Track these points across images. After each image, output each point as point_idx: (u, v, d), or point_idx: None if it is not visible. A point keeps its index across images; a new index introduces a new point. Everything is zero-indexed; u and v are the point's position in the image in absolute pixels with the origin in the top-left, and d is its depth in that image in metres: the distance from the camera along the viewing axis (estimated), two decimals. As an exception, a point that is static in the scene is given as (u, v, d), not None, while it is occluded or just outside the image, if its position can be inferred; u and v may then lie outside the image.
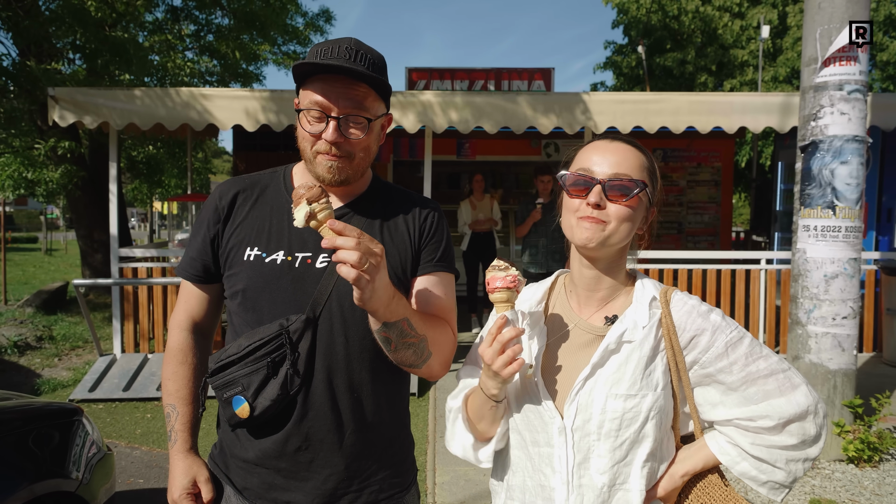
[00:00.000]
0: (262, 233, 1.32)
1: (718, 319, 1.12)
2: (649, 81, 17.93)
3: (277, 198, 1.36)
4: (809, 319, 3.80)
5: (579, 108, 5.57)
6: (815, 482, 3.55)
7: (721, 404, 1.13)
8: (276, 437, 1.27)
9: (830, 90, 3.67)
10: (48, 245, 22.75)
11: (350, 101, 1.24)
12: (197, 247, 1.38)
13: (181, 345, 1.40)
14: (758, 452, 1.11)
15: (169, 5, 10.76)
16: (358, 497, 1.31)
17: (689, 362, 1.12)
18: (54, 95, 5.40)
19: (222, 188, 1.39)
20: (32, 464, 2.08)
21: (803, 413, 1.08)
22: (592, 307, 1.19)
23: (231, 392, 1.25)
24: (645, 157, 1.15)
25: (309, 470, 1.28)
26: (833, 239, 3.72)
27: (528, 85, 10.33)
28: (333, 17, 13.52)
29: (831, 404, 3.77)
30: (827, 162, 3.71)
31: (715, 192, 9.84)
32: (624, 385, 1.10)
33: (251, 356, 1.25)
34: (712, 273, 6.08)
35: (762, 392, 1.09)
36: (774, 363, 1.11)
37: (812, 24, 3.75)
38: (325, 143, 1.25)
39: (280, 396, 1.23)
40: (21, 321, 7.84)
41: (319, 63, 1.21)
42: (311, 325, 1.26)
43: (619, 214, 1.10)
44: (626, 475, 1.10)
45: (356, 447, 1.30)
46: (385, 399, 1.35)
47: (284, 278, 1.28)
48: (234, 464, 1.33)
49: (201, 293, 1.41)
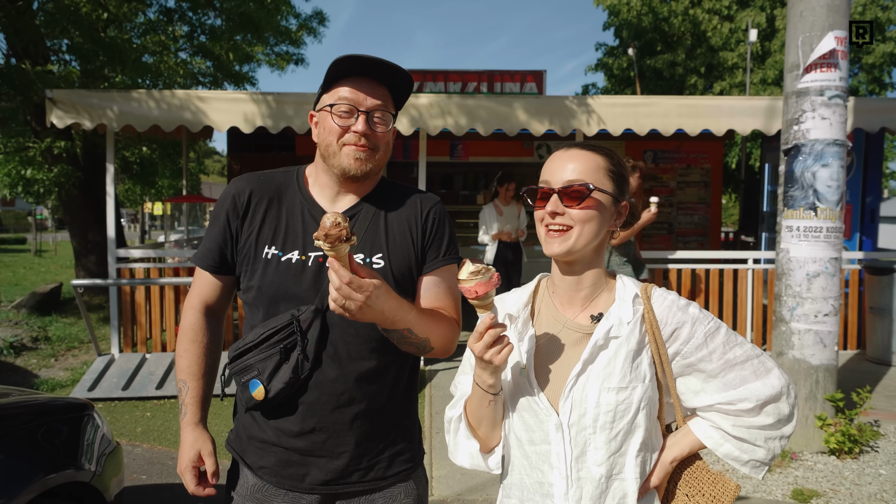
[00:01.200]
0: (278, 232, 1.42)
1: (697, 312, 1.20)
2: (640, 83, 18.12)
3: (292, 198, 1.46)
4: (793, 317, 3.94)
5: (571, 112, 5.69)
6: (798, 473, 3.68)
7: (703, 391, 1.21)
8: (291, 419, 1.38)
9: (812, 96, 3.80)
10: (37, 246, 22.63)
11: (377, 98, 1.39)
12: (215, 239, 1.46)
13: (194, 324, 1.49)
14: (739, 433, 1.20)
15: (162, 6, 10.79)
16: (367, 473, 1.42)
17: (672, 354, 1.20)
18: (52, 97, 5.46)
19: (239, 185, 1.48)
20: (48, 455, 2.16)
21: (777, 394, 1.17)
22: (577, 307, 1.25)
23: (248, 376, 1.37)
24: (604, 158, 1.22)
25: (323, 448, 1.39)
26: (815, 239, 3.85)
27: (521, 87, 10.46)
28: (327, 19, 13.59)
29: (813, 399, 3.91)
30: (809, 165, 3.84)
31: (704, 193, 10.00)
32: (615, 378, 1.16)
33: (265, 343, 1.36)
34: (701, 272, 6.22)
35: (739, 377, 1.18)
36: (749, 350, 1.19)
37: (794, 32, 3.89)
38: (353, 135, 1.37)
39: (292, 379, 1.34)
40: (16, 322, 7.87)
41: (361, 56, 1.36)
42: (320, 315, 1.36)
43: (578, 217, 1.18)
44: (622, 465, 1.17)
45: (365, 428, 1.40)
46: (392, 385, 1.45)
47: (299, 276, 1.39)
48: (250, 445, 1.43)
49: (216, 281, 1.50)
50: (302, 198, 1.46)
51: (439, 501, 3.47)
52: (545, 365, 1.23)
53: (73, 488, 2.26)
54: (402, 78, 1.43)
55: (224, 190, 1.52)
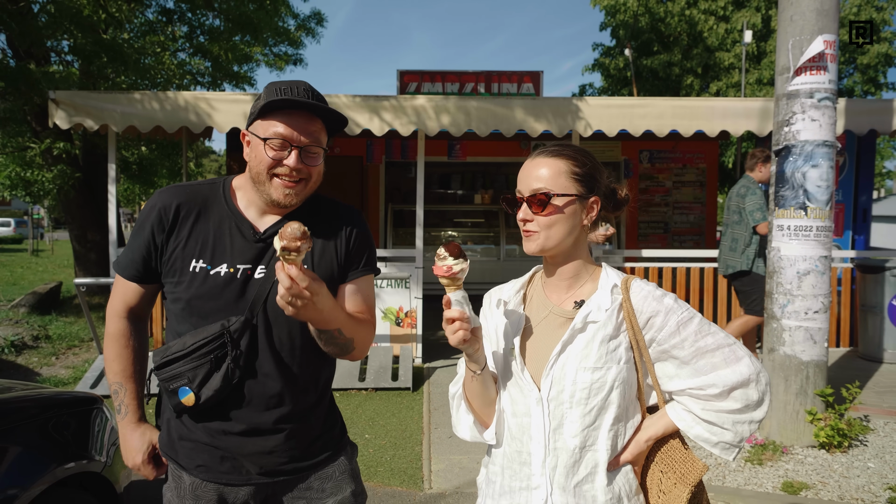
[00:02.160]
0: (206, 247, 1.48)
1: (671, 302, 1.30)
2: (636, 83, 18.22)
3: (219, 211, 1.51)
4: (784, 314, 4.03)
5: (567, 113, 5.78)
6: (789, 466, 3.77)
7: (676, 376, 1.30)
8: (221, 421, 1.47)
9: (802, 98, 3.89)
10: (34, 246, 22.64)
11: (309, 134, 1.46)
12: (139, 251, 1.50)
13: (121, 330, 1.56)
14: (708, 417, 1.29)
15: (161, 7, 10.85)
16: (301, 461, 1.54)
17: (648, 340, 1.30)
18: (55, 98, 5.52)
19: (164, 198, 1.50)
20: (60, 446, 2.24)
21: (746, 381, 1.26)
22: (562, 294, 1.37)
23: (177, 384, 1.44)
24: (568, 161, 1.33)
25: (254, 445, 1.48)
26: (805, 238, 3.94)
27: (518, 87, 10.54)
28: (325, 19, 13.65)
29: (804, 394, 4.00)
30: (799, 165, 3.93)
31: (700, 192, 10.10)
32: (591, 359, 1.27)
33: (196, 353, 1.43)
34: (696, 271, 6.31)
35: (710, 364, 1.27)
36: (721, 338, 1.28)
37: (785, 36, 3.98)
38: (285, 167, 1.44)
39: (223, 387, 1.43)
40: (16, 321, 7.92)
41: (296, 100, 1.43)
42: (249, 325, 1.46)
43: (543, 223, 1.31)
44: (595, 438, 1.28)
45: (294, 427, 1.51)
46: (317, 383, 1.57)
47: (227, 288, 1.46)
48: (182, 447, 1.51)
49: (138, 288, 1.56)
50: (229, 211, 1.51)
51: (438, 495, 3.55)
52: (531, 345, 1.36)
53: (84, 479, 2.34)
54: (335, 116, 1.52)
55: (148, 201, 1.54)
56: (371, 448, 4.21)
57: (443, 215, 10.45)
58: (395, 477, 3.79)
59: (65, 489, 2.18)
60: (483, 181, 11.02)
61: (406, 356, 5.86)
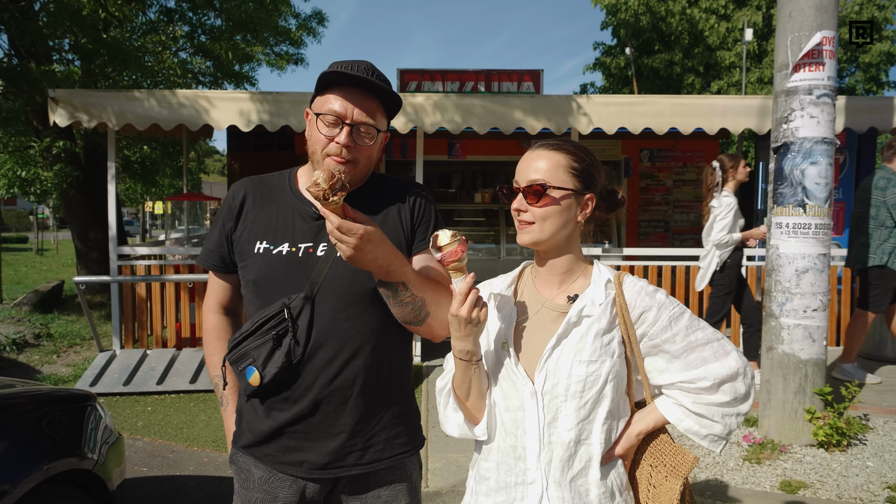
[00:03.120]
0: (269, 228, 1.50)
1: (663, 298, 1.32)
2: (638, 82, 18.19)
3: (283, 197, 1.54)
4: (782, 312, 4.01)
5: (567, 110, 5.76)
6: (787, 465, 3.75)
7: (667, 370, 1.32)
8: (287, 403, 1.44)
9: (801, 94, 3.87)
10: (39, 245, 22.71)
11: (364, 111, 1.43)
12: (214, 240, 1.57)
13: (215, 324, 1.61)
14: (698, 409, 1.31)
15: (163, 6, 10.86)
16: (363, 455, 1.47)
17: (640, 335, 1.31)
18: (54, 97, 5.53)
19: (236, 188, 1.58)
20: (51, 443, 2.24)
21: (734, 374, 1.29)
22: (554, 288, 1.37)
23: (244, 364, 1.43)
24: (567, 155, 1.33)
25: (319, 430, 1.45)
26: (804, 236, 3.92)
27: (518, 86, 10.53)
28: (326, 19, 13.65)
29: (803, 392, 3.98)
30: (798, 163, 3.91)
31: (700, 191, 10.06)
32: (586, 352, 1.27)
33: (258, 331, 1.43)
34: (695, 269, 6.29)
35: (700, 358, 1.29)
36: (710, 333, 1.31)
37: (783, 32, 3.96)
38: (335, 146, 1.42)
39: (285, 364, 1.40)
40: (18, 319, 7.94)
41: (348, 73, 1.40)
42: (310, 302, 1.43)
43: (538, 214, 1.31)
44: (590, 431, 1.28)
45: (359, 410, 1.46)
46: (386, 369, 1.50)
47: (290, 266, 1.46)
48: (252, 436, 1.49)
49: (223, 282, 1.60)
50: (292, 195, 1.54)
51: (435, 493, 3.54)
52: (524, 339, 1.35)
53: (76, 476, 2.34)
54: (391, 97, 1.49)
55: (226, 194, 1.63)
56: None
57: (447, 214, 10.45)
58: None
59: (56, 486, 2.17)
60: (483, 180, 11.00)
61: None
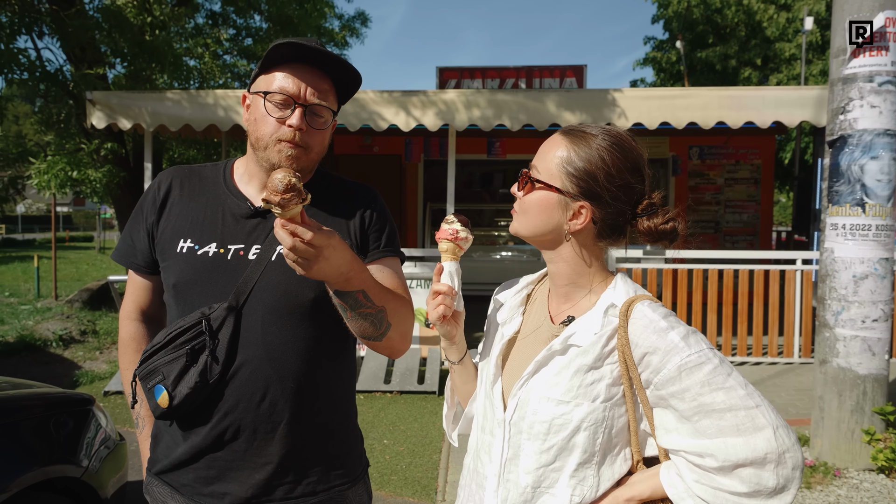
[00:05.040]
0: (195, 225, 1.31)
1: (677, 339, 1.00)
2: (690, 77, 17.50)
3: (215, 190, 1.35)
4: (837, 322, 3.64)
5: (603, 105, 5.48)
6: (841, 492, 3.39)
7: (675, 431, 1.02)
8: (207, 429, 1.25)
9: (860, 82, 3.50)
10: (101, 244, 23.74)
11: (317, 91, 1.26)
12: (136, 235, 1.37)
13: (133, 334, 1.41)
14: (701, 492, 0.99)
15: (209, 11, 11.09)
16: (294, 488, 1.28)
17: (644, 381, 1.04)
18: (92, 99, 5.64)
19: (162, 176, 1.38)
20: (37, 449, 2.17)
21: (761, 459, 0.94)
22: (560, 303, 1.16)
23: (152, 381, 1.24)
24: (576, 150, 1.09)
25: (243, 460, 1.25)
26: (862, 238, 3.55)
27: (560, 82, 10.22)
28: (369, 20, 13.69)
29: (860, 411, 3.60)
30: (856, 157, 3.54)
31: (755, 190, 9.53)
32: (559, 390, 1.05)
33: (171, 344, 1.23)
34: (744, 273, 5.89)
35: (716, 427, 0.97)
36: (738, 398, 0.97)
37: (841, 14, 3.59)
38: (288, 130, 1.24)
39: (199, 384, 1.21)
40: (67, 316, 8.20)
41: (304, 45, 1.22)
42: (234, 313, 1.24)
43: (520, 205, 1.15)
44: (554, 480, 1.06)
45: (291, 437, 1.26)
46: (324, 390, 1.31)
47: (215, 269, 1.27)
48: (169, 461, 1.31)
49: (145, 282, 1.40)
50: (226, 189, 1.35)
51: (451, 507, 3.37)
52: (515, 356, 1.18)
53: (68, 483, 2.27)
54: (350, 75, 1.30)
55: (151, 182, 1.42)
56: (388, 455, 4.06)
57: (481, 214, 10.24)
58: (407, 487, 3.63)
59: (39, 493, 2.10)
60: (524, 179, 10.74)
61: (434, 358, 5.70)
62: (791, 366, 5.86)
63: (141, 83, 8.07)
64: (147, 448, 1.38)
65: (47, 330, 7.35)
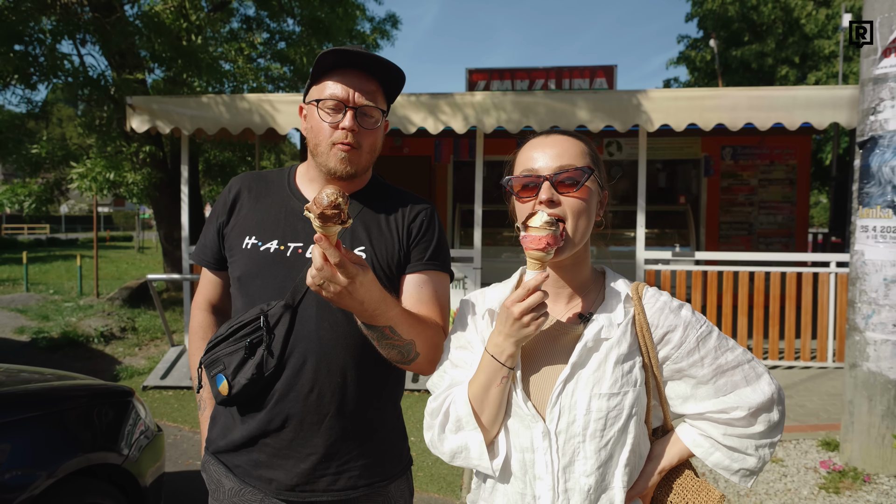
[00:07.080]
0: (260, 223, 1.41)
1: (689, 315, 1.14)
2: (725, 76, 17.19)
3: (279, 192, 1.46)
4: (868, 325, 3.59)
5: (629, 106, 5.47)
6: (871, 497, 3.34)
7: (692, 398, 1.14)
8: (260, 416, 1.34)
9: (891, 82, 3.44)
10: (140, 243, 24.44)
11: (364, 93, 1.35)
12: (208, 235, 1.49)
13: (202, 323, 1.53)
14: (730, 442, 1.13)
15: (244, 15, 11.36)
16: (336, 480, 1.35)
17: (662, 358, 1.13)
18: (132, 104, 5.86)
19: (233, 182, 1.51)
20: (85, 436, 2.31)
21: (769, 402, 1.12)
22: (562, 304, 1.17)
23: (215, 370, 1.34)
24: (584, 144, 1.16)
25: (290, 448, 1.33)
26: (893, 240, 3.49)
27: (590, 83, 10.17)
28: (399, 22, 13.81)
29: (891, 416, 3.54)
30: (887, 159, 3.49)
31: (790, 191, 9.33)
32: (606, 384, 1.09)
33: (232, 337, 1.33)
34: (776, 276, 5.80)
35: (731, 383, 1.12)
36: (740, 354, 1.14)
37: (872, 12, 3.54)
38: (341, 132, 1.33)
39: (255, 376, 1.29)
40: (108, 313, 8.51)
41: (348, 51, 1.31)
42: (290, 311, 1.32)
43: (574, 208, 1.10)
44: (612, 475, 1.10)
45: (335, 430, 1.34)
46: (371, 387, 1.38)
47: (276, 266, 1.36)
48: (225, 443, 1.41)
49: (215, 278, 1.52)
50: (289, 191, 1.45)
51: None
52: (530, 366, 1.14)
53: (110, 470, 2.41)
54: (394, 74, 1.38)
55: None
56: (414, 451, 4.10)
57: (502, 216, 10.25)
58: (433, 483, 3.70)
59: (83, 479, 2.24)
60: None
61: (460, 358, 5.75)
62: (825, 370, 5.76)
63: (178, 87, 8.32)
64: (206, 428, 1.49)
65: (89, 326, 7.64)
